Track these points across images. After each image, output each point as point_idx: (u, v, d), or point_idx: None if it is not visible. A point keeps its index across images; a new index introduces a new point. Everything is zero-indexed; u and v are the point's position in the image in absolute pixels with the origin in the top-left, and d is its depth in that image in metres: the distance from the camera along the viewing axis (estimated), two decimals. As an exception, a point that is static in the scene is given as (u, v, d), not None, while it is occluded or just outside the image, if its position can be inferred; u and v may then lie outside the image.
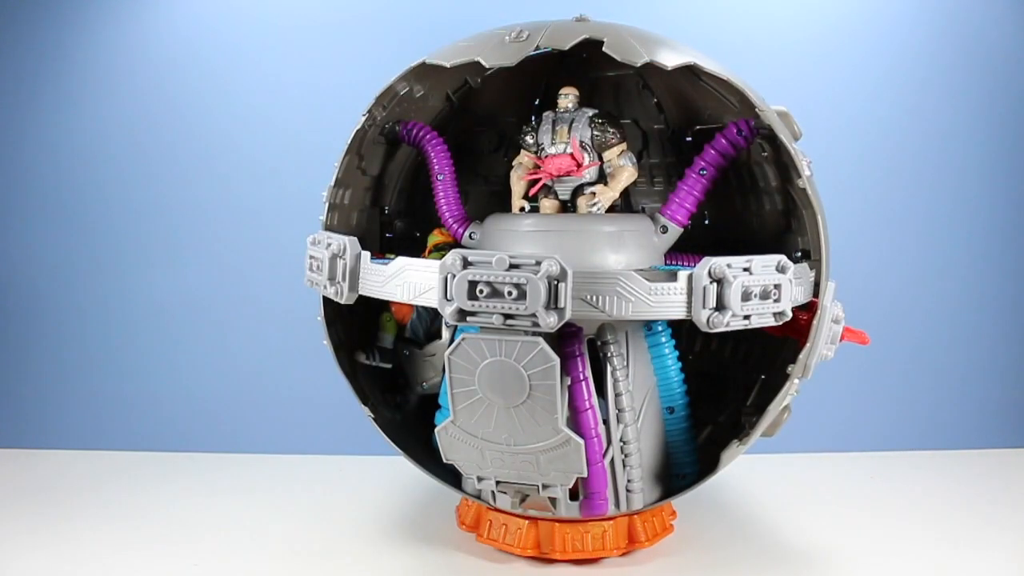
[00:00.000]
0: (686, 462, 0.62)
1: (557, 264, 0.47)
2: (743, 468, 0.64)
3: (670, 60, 0.53)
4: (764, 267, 0.51)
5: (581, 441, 0.52)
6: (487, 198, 0.76)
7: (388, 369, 0.68)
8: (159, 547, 0.65)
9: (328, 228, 0.63)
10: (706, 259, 0.50)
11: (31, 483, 0.81)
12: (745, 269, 0.50)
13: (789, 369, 0.56)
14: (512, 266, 0.48)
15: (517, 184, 0.64)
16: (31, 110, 0.91)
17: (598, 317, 0.49)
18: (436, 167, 0.65)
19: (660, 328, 0.61)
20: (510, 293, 0.47)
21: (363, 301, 0.57)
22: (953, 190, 0.93)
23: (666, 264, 0.63)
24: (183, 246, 0.92)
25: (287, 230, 0.79)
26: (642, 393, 0.59)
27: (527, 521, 0.60)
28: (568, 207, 0.63)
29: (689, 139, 0.72)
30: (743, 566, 0.62)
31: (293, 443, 0.90)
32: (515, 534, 0.61)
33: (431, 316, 0.67)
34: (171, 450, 0.90)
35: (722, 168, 0.61)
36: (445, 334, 0.64)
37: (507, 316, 0.48)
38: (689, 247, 0.65)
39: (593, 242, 0.57)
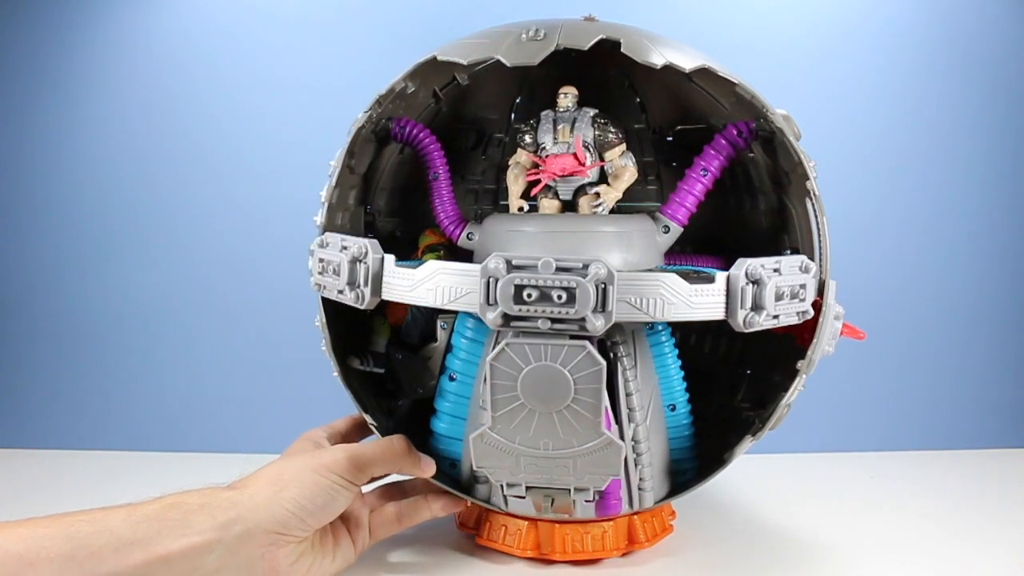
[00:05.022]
0: (686, 458, 0.63)
1: (604, 267, 0.47)
2: (743, 468, 0.64)
3: (684, 63, 0.53)
4: (790, 267, 0.52)
5: (621, 443, 0.52)
6: (463, 196, 0.75)
7: (380, 374, 0.66)
8: (159, 547, 0.65)
9: (326, 229, 0.62)
10: (740, 260, 0.50)
11: (31, 483, 0.81)
12: (775, 270, 0.51)
13: (799, 365, 0.57)
14: (558, 269, 0.47)
15: (515, 183, 0.63)
16: (30, 110, 0.91)
17: (640, 319, 0.49)
18: (431, 167, 0.65)
19: (660, 327, 0.61)
20: (559, 297, 0.47)
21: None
22: (952, 189, 0.93)
23: (666, 264, 0.63)
24: (183, 246, 0.92)
25: (288, 230, 0.79)
26: (647, 392, 0.59)
27: (527, 522, 0.60)
28: (567, 207, 0.62)
29: (670, 139, 0.72)
30: (743, 566, 0.62)
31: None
32: (515, 535, 0.60)
33: (425, 318, 0.66)
34: (171, 450, 0.90)
35: (722, 169, 0.62)
36: (441, 336, 0.63)
37: (553, 320, 0.47)
38: (674, 246, 0.64)
39: (602, 243, 0.56)
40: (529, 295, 0.47)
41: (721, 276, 0.50)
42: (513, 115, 0.74)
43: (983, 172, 0.92)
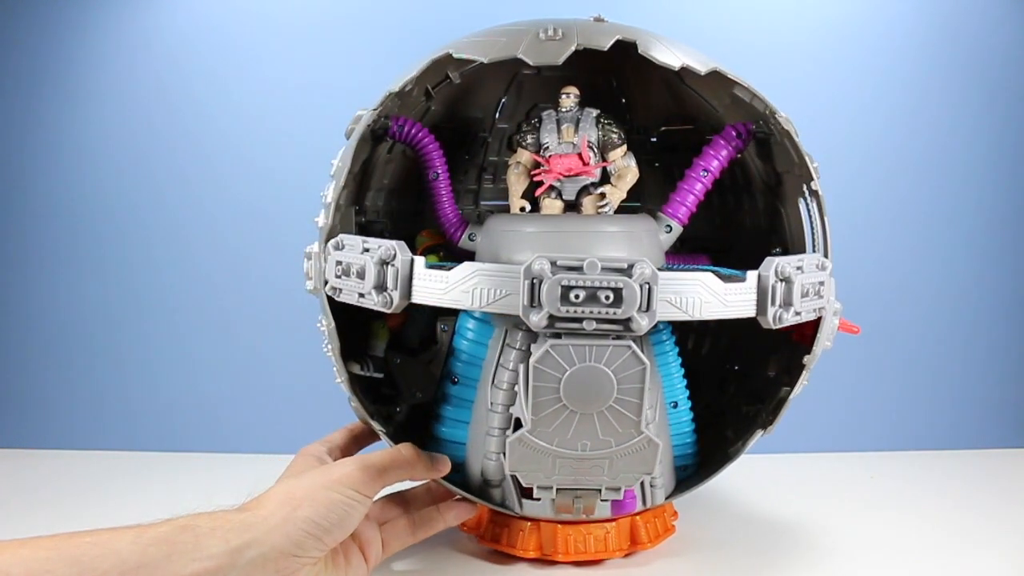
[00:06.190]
0: (688, 454, 0.63)
1: (649, 267, 0.47)
2: (743, 468, 0.64)
3: (696, 65, 0.54)
4: (810, 266, 0.54)
5: (659, 442, 0.52)
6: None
7: (375, 379, 0.63)
8: (160, 548, 0.65)
9: (330, 230, 0.61)
10: (769, 259, 0.51)
11: (31, 483, 0.81)
12: (798, 268, 0.52)
13: (805, 359, 0.58)
14: (604, 269, 0.47)
15: (517, 183, 0.63)
16: (31, 110, 0.91)
17: (679, 318, 0.49)
18: (431, 166, 0.64)
19: (662, 326, 0.61)
20: (607, 298, 0.47)
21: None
22: (953, 189, 0.93)
23: (666, 264, 0.63)
24: (182, 246, 0.92)
25: (285, 230, 0.79)
26: (655, 390, 0.59)
27: (529, 523, 0.60)
28: (569, 207, 0.62)
29: (654, 140, 0.72)
30: (745, 566, 0.62)
31: (293, 443, 0.89)
32: (517, 536, 0.60)
33: (425, 321, 0.64)
34: (171, 450, 0.90)
35: (721, 170, 0.63)
36: (442, 339, 0.63)
37: (599, 320, 0.47)
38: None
39: (612, 243, 0.56)
40: (576, 296, 0.47)
41: (752, 275, 0.51)
42: (497, 114, 0.73)
43: (983, 172, 0.93)
